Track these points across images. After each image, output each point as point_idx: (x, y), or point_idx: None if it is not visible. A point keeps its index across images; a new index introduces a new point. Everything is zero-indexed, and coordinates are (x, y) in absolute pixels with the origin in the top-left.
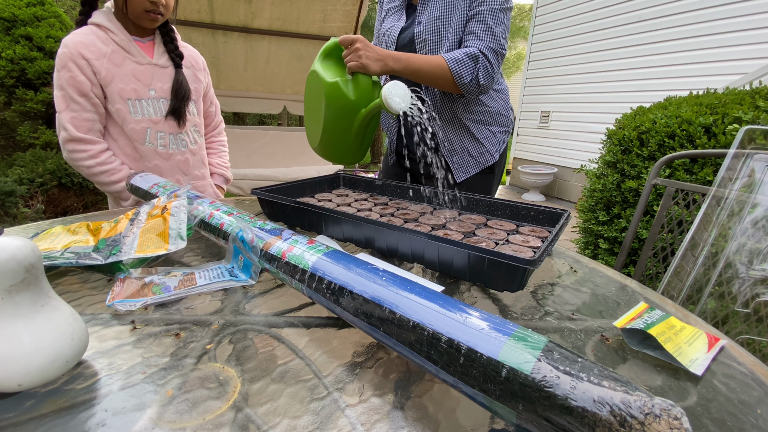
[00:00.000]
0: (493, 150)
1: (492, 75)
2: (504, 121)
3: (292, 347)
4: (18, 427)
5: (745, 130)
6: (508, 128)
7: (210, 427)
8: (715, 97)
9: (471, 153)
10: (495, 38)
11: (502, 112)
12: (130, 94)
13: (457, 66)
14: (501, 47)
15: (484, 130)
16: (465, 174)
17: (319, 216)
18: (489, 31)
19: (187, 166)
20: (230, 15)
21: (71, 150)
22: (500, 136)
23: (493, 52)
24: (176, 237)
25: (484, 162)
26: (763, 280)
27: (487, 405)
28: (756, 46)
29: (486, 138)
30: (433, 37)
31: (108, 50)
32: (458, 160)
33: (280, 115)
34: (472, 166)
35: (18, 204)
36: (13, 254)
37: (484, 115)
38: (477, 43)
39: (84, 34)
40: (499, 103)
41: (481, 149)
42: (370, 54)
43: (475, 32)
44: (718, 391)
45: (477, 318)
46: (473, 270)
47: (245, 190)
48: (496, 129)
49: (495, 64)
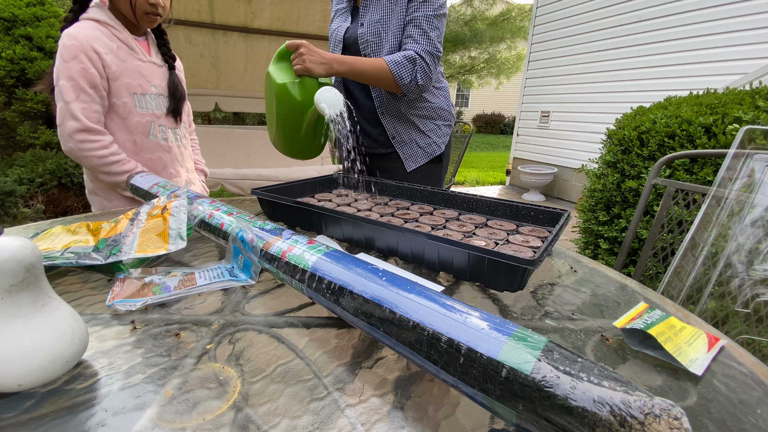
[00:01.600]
0: (439, 141)
1: (430, 75)
2: (446, 116)
3: (292, 347)
4: (18, 427)
5: (745, 130)
6: (450, 122)
7: (210, 427)
8: (715, 97)
9: (419, 144)
10: (430, 42)
11: (444, 107)
12: (137, 89)
13: (397, 68)
14: (437, 50)
15: (429, 124)
16: (414, 164)
17: (319, 216)
18: (425, 36)
19: (183, 158)
20: (230, 15)
21: (82, 140)
22: (444, 129)
23: (429, 54)
24: (176, 237)
25: (431, 152)
26: (763, 280)
27: (487, 405)
28: (756, 46)
29: (431, 131)
30: (374, 38)
31: (114, 45)
32: (407, 151)
33: None
34: (421, 156)
35: (18, 204)
36: (13, 254)
37: (427, 111)
38: (414, 47)
39: (90, 29)
40: (440, 100)
41: (428, 141)
42: (314, 58)
43: (413, 36)
44: (718, 391)
45: (477, 318)
46: (473, 270)
47: (245, 190)
48: (440, 123)
49: (432, 65)
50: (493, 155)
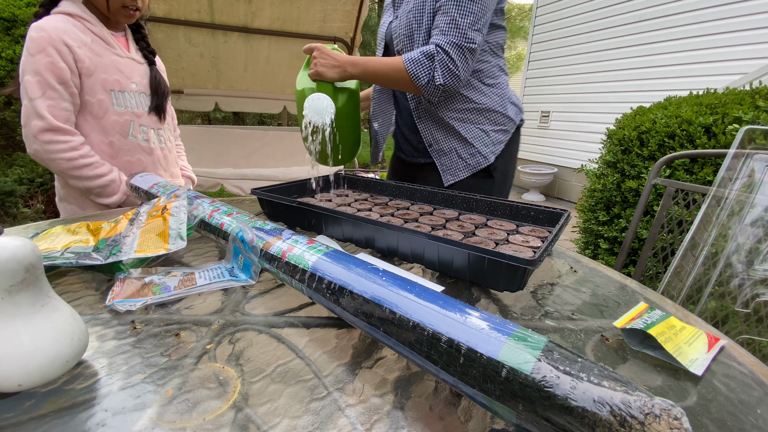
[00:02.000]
0: (487, 151)
1: (455, 72)
2: (499, 120)
3: (292, 347)
4: (18, 427)
5: (745, 130)
6: (505, 126)
7: (210, 427)
8: (715, 97)
9: (460, 154)
10: (459, 31)
11: (496, 109)
12: (114, 86)
13: (413, 66)
14: (467, 41)
15: (474, 130)
16: (453, 177)
17: (319, 216)
18: (452, 24)
19: (167, 162)
20: (230, 15)
21: (48, 141)
22: (495, 135)
23: (455, 47)
24: (176, 237)
25: (475, 164)
26: (763, 280)
27: (487, 405)
28: (756, 46)
29: (476, 138)
30: (405, 31)
31: (88, 39)
32: (446, 162)
33: (280, 115)
34: (462, 168)
35: (18, 204)
36: (13, 254)
37: (471, 113)
38: (438, 39)
39: (61, 21)
40: (491, 99)
41: (471, 150)
42: (326, 61)
43: (439, 26)
44: (718, 391)
45: (477, 318)
46: (473, 270)
47: (245, 190)
48: (489, 128)
49: (459, 59)
50: None
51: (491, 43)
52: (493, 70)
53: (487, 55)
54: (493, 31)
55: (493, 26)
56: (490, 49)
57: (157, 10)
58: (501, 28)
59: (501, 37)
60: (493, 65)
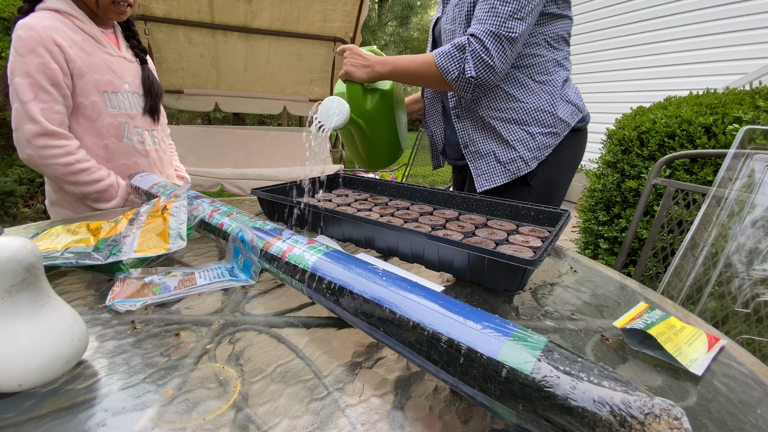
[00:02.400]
0: (529, 156)
1: (490, 64)
2: (548, 120)
3: (292, 347)
4: (18, 427)
5: (745, 130)
6: (554, 129)
7: (210, 427)
8: (715, 97)
9: (498, 158)
10: (498, 19)
11: (545, 109)
12: (107, 86)
13: (443, 60)
14: (507, 29)
15: (518, 131)
16: (488, 183)
17: (319, 216)
18: (491, 11)
19: (162, 164)
20: (230, 15)
21: (42, 146)
22: (542, 139)
23: (491, 36)
24: (176, 237)
25: (515, 170)
26: (763, 280)
27: (487, 405)
28: (756, 46)
29: (520, 141)
30: (450, 26)
31: (79, 38)
32: (481, 166)
33: (280, 115)
34: (499, 174)
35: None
36: (13, 254)
37: (516, 113)
38: (475, 28)
39: (50, 19)
40: (539, 98)
41: (512, 154)
42: (355, 61)
43: (478, 15)
44: (718, 391)
45: (477, 318)
46: (473, 270)
47: (245, 190)
48: (535, 130)
49: (495, 50)
50: None
51: (547, 35)
52: (546, 65)
53: (540, 48)
54: (551, 21)
55: (551, 15)
56: (546, 42)
57: (157, 10)
58: (562, 17)
59: (562, 27)
60: (547, 60)
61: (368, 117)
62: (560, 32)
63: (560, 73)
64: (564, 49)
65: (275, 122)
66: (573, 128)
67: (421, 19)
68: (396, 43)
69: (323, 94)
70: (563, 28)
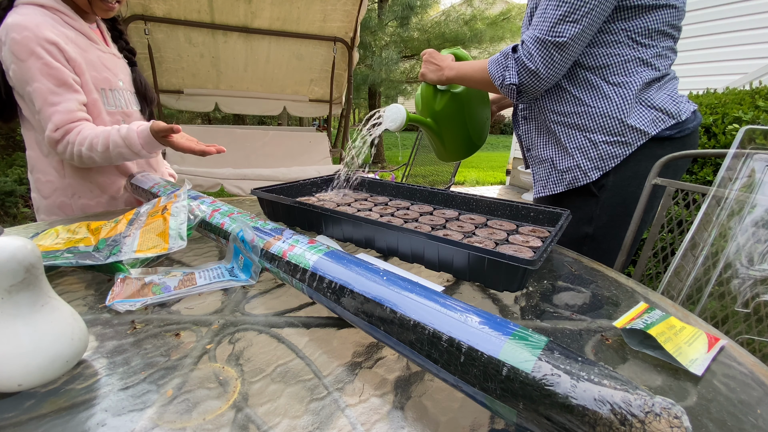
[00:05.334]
0: (588, 166)
1: (531, 70)
2: (615, 128)
3: (292, 347)
4: (18, 427)
5: (745, 130)
6: (623, 138)
7: (210, 427)
8: (715, 97)
9: (556, 166)
10: (545, 24)
11: (613, 115)
12: (104, 84)
13: (491, 66)
14: (552, 34)
15: (578, 138)
16: (544, 190)
17: (319, 216)
18: (541, 17)
19: (156, 163)
20: (230, 15)
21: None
22: (604, 148)
23: (537, 42)
24: (176, 237)
25: (571, 180)
26: (763, 280)
27: (488, 404)
28: (756, 46)
29: (578, 148)
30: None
31: (72, 34)
32: (539, 172)
33: (280, 115)
34: (555, 182)
35: (18, 204)
36: (13, 254)
37: (580, 118)
38: (525, 34)
39: (38, 15)
40: (610, 102)
41: (570, 162)
42: (431, 65)
43: (532, 22)
44: (718, 391)
45: (477, 317)
46: (473, 270)
47: (245, 190)
48: (598, 137)
49: (540, 56)
50: (493, 155)
51: (631, 31)
52: (626, 65)
53: (620, 47)
54: (639, 15)
55: (638, 8)
56: (630, 39)
57: (157, 10)
58: (657, 8)
59: (658, 19)
60: (628, 59)
61: (438, 116)
62: (655, 25)
63: (642, 74)
64: (657, 45)
65: (275, 122)
66: (658, 137)
67: (421, 19)
68: (396, 43)
69: (323, 94)
70: (662, 20)
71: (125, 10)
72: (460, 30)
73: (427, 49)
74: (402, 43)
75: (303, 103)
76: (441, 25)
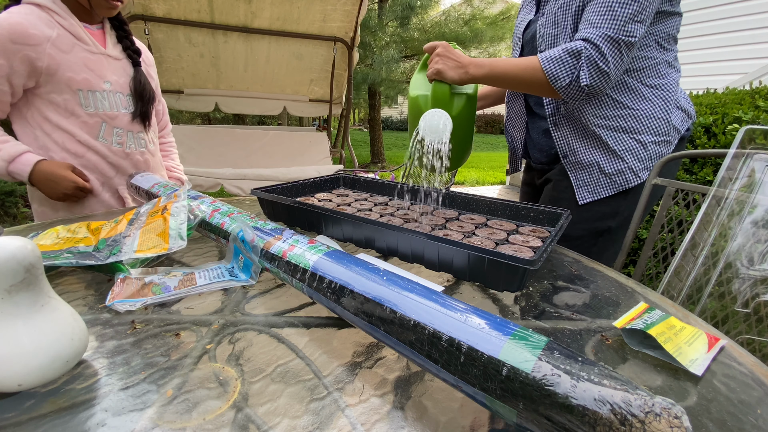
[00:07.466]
0: (638, 167)
1: (605, 71)
2: (662, 128)
3: (292, 347)
4: (18, 427)
5: (745, 130)
6: (668, 137)
7: (210, 427)
8: (715, 97)
9: (604, 170)
10: (617, 22)
11: (659, 116)
12: (81, 85)
13: (552, 66)
14: (626, 33)
15: (628, 140)
16: (592, 195)
17: (319, 216)
18: (609, 14)
19: (147, 167)
20: (230, 15)
21: None
22: (653, 148)
23: (608, 40)
24: (176, 237)
25: (623, 182)
26: (763, 280)
27: (488, 404)
28: (756, 46)
29: (629, 150)
30: (551, 30)
31: (53, 34)
32: (583, 177)
33: (280, 115)
34: (604, 186)
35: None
36: (13, 254)
37: (626, 120)
38: (588, 32)
39: (24, 14)
40: (653, 104)
41: (620, 165)
42: (449, 61)
43: (589, 19)
44: (718, 391)
45: (477, 317)
46: (473, 270)
47: (245, 190)
48: (646, 138)
49: (612, 56)
50: (493, 155)
51: (657, 35)
52: (658, 68)
53: (651, 50)
54: (663, 20)
55: (664, 14)
56: (657, 42)
57: (157, 10)
58: (674, 15)
59: (672, 25)
60: (658, 61)
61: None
62: (671, 31)
63: (673, 76)
64: (674, 49)
65: (275, 122)
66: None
67: (422, 19)
68: (396, 43)
69: (323, 94)
70: (674, 26)
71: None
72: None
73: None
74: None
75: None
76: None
